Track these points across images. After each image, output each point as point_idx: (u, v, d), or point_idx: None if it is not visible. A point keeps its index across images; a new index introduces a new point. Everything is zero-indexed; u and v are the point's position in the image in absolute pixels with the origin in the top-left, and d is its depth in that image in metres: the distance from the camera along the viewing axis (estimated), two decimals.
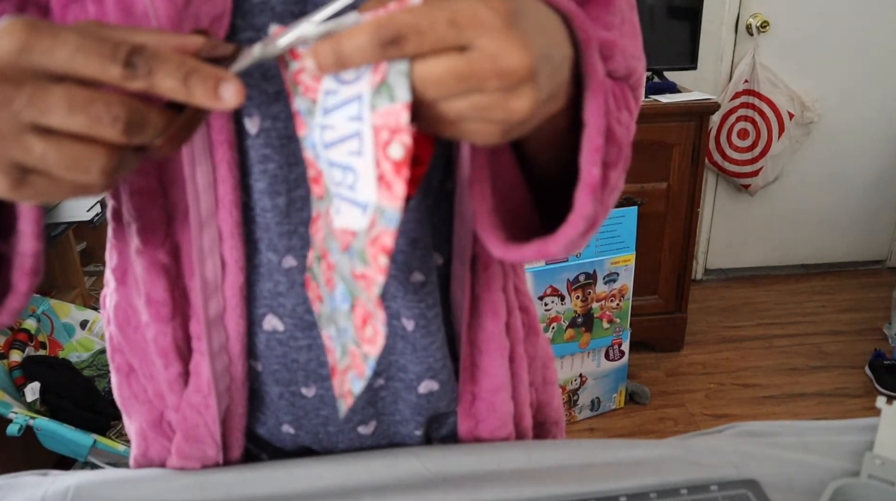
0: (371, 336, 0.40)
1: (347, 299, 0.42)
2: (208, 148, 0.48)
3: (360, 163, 0.36)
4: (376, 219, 0.36)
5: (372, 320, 0.40)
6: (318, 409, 0.60)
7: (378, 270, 0.37)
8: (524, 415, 0.66)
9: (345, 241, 0.40)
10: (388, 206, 0.35)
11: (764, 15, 2.66)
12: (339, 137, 0.37)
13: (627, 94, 0.55)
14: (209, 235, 0.51)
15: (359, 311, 0.41)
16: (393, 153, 0.34)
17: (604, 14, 0.53)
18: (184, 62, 0.33)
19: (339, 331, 0.45)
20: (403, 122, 0.34)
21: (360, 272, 0.39)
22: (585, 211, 0.43)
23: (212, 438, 0.59)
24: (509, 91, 0.34)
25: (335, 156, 0.38)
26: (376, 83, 0.34)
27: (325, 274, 0.45)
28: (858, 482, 0.57)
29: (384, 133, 0.35)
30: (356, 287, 0.40)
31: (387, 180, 0.35)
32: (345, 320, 0.43)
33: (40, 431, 1.49)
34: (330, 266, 0.43)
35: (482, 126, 0.36)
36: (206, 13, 0.44)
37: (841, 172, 2.94)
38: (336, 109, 0.37)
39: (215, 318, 0.54)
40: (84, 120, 0.32)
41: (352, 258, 0.39)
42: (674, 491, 0.57)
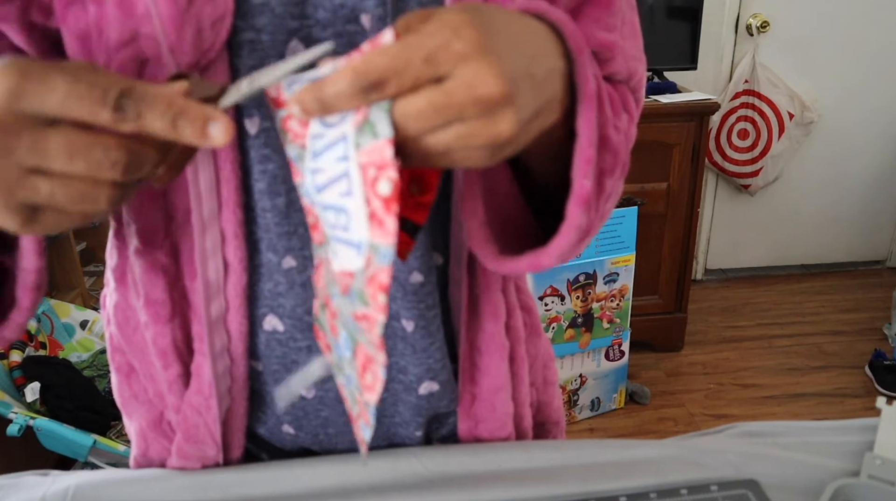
0: (370, 383, 0.40)
1: (349, 345, 0.42)
2: (211, 150, 0.48)
3: (351, 203, 0.36)
4: (371, 257, 0.36)
5: (372, 365, 0.39)
6: (318, 410, 0.60)
7: (378, 309, 0.37)
8: (524, 416, 0.66)
9: (344, 284, 0.40)
10: (381, 243, 0.35)
11: (764, 15, 2.66)
12: (329, 180, 0.37)
13: (628, 97, 0.55)
14: (211, 236, 0.51)
15: (360, 357, 0.41)
16: (381, 190, 0.34)
17: (605, 15, 0.53)
18: (172, 103, 0.34)
19: (346, 379, 0.45)
20: (388, 157, 0.34)
21: (361, 313, 0.39)
22: (576, 222, 0.44)
23: (212, 439, 0.59)
24: (489, 117, 0.34)
25: (328, 199, 0.38)
26: (359, 122, 0.35)
27: (329, 322, 0.45)
28: (858, 482, 0.57)
29: (371, 170, 0.35)
30: (358, 331, 0.40)
31: (378, 218, 0.35)
32: (349, 367, 0.43)
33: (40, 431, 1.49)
34: (333, 313, 0.43)
35: (469, 153, 0.36)
36: (207, 14, 0.44)
37: (841, 172, 2.94)
38: (324, 151, 0.37)
39: (217, 319, 0.54)
40: (84, 165, 0.34)
41: (352, 301, 0.39)
42: (674, 491, 0.57)
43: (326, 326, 0.46)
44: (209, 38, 0.45)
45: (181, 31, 0.44)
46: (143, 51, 0.46)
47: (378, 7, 0.47)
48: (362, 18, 0.47)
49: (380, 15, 0.47)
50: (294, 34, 0.47)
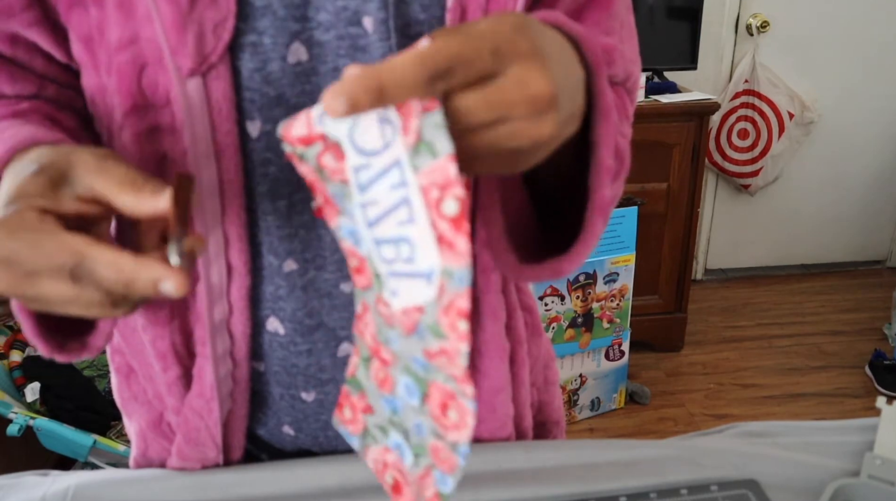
0: (456, 421, 0.36)
1: (416, 390, 0.38)
2: (213, 153, 0.48)
3: (414, 230, 0.34)
4: (445, 284, 0.34)
5: (455, 400, 0.36)
6: (318, 413, 0.59)
7: (459, 338, 0.34)
8: (524, 416, 0.66)
9: (410, 322, 0.37)
10: (455, 266, 0.33)
11: (764, 15, 2.66)
12: (385, 211, 0.35)
13: (625, 99, 0.55)
14: (215, 239, 0.51)
15: (434, 397, 0.37)
16: (448, 210, 0.32)
17: (605, 19, 0.53)
18: (121, 271, 0.37)
19: (407, 434, 0.40)
20: (452, 174, 0.32)
21: (436, 349, 0.36)
22: (597, 230, 0.45)
23: (213, 441, 0.59)
24: (535, 117, 0.34)
25: (383, 232, 0.35)
26: (412, 144, 0.32)
27: (377, 375, 0.41)
28: (858, 482, 0.57)
29: (434, 192, 0.33)
30: (431, 369, 0.37)
31: (447, 240, 0.33)
32: (417, 415, 0.39)
33: (40, 431, 1.49)
34: (385, 362, 0.40)
35: (507, 156, 0.35)
36: (209, 17, 0.44)
37: (841, 172, 2.94)
38: (374, 182, 0.34)
39: (220, 323, 0.53)
40: (76, 309, 0.38)
41: (422, 338, 0.36)
42: (674, 491, 0.57)
43: (371, 382, 0.42)
44: (211, 41, 0.45)
45: (182, 34, 0.44)
46: (144, 53, 0.46)
47: (380, 10, 0.46)
48: (364, 21, 0.47)
49: (382, 18, 0.47)
50: (296, 37, 0.47)
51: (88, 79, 0.51)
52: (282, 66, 0.47)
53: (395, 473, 0.43)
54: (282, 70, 0.47)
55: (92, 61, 0.49)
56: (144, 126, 0.48)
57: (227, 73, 0.46)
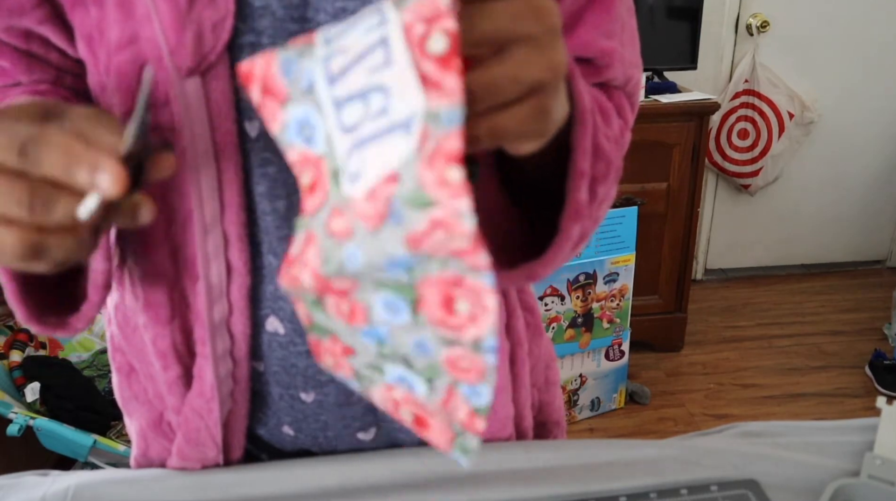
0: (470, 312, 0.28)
1: (402, 303, 0.30)
2: (213, 152, 0.48)
3: (391, 74, 0.28)
4: (429, 129, 0.27)
5: (462, 286, 0.28)
6: (318, 414, 0.59)
7: (453, 194, 0.27)
8: (524, 417, 0.66)
9: (378, 209, 0.29)
10: (443, 105, 0.27)
11: (764, 15, 2.66)
12: (355, 58, 0.29)
13: (623, 102, 0.55)
14: (214, 239, 0.51)
15: (430, 298, 0.29)
16: (434, 47, 0.27)
17: (605, 21, 0.53)
18: (69, 151, 0.35)
19: (407, 361, 0.32)
20: (444, 4, 0.27)
21: (423, 227, 0.27)
22: (571, 235, 0.45)
23: (213, 441, 0.58)
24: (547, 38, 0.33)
25: (348, 87, 0.29)
26: None
27: (340, 310, 0.33)
28: (858, 482, 0.57)
29: (418, 27, 0.27)
30: (416, 264, 0.28)
31: (432, 80, 0.27)
32: (413, 332, 0.31)
33: (40, 431, 1.49)
34: (343, 293, 0.32)
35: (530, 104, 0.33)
36: (208, 17, 0.44)
37: (841, 172, 2.94)
38: (347, 29, 0.29)
39: (220, 323, 0.53)
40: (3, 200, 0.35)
41: (398, 223, 0.28)
42: (674, 491, 0.57)
43: (334, 322, 0.34)
44: (210, 40, 0.45)
45: (181, 33, 0.44)
46: (144, 53, 0.46)
47: None
48: None
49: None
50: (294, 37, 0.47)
51: (91, 77, 0.51)
52: None
53: (411, 407, 0.35)
54: None
55: (93, 60, 0.49)
56: None
57: (225, 72, 0.46)
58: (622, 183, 1.70)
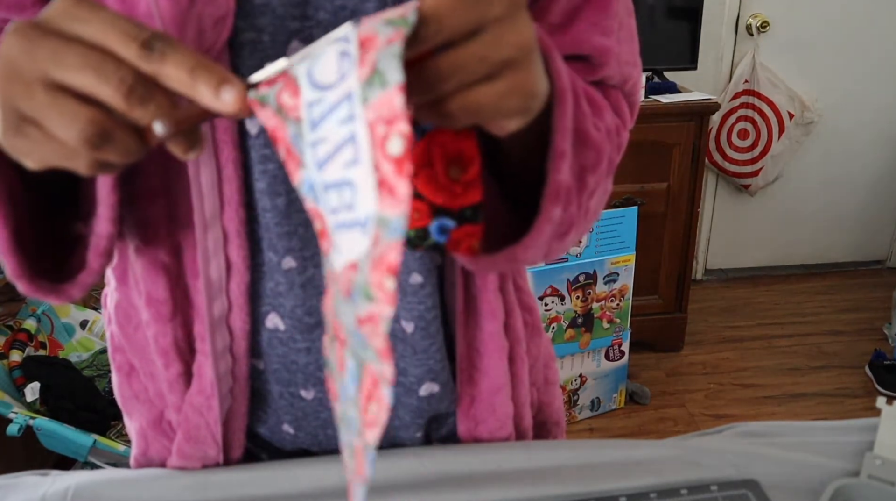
0: (374, 416, 0.31)
1: (355, 376, 0.33)
2: (213, 148, 0.48)
3: (358, 172, 0.30)
4: (379, 234, 0.30)
5: (377, 389, 0.31)
6: (318, 411, 0.59)
7: (384, 299, 0.29)
8: (524, 416, 0.66)
9: (346, 284, 0.32)
10: (392, 214, 0.29)
11: (764, 15, 2.66)
12: (333, 150, 0.32)
13: (621, 102, 0.55)
14: (213, 235, 0.51)
15: (365, 385, 0.32)
16: (392, 149, 0.29)
17: (602, 19, 0.53)
18: (195, 56, 0.34)
19: (348, 427, 0.35)
20: (398, 107, 0.29)
21: (365, 315, 0.31)
22: (550, 216, 0.44)
23: (213, 439, 0.59)
24: (512, 17, 0.33)
25: (330, 175, 0.32)
26: (366, 74, 0.30)
27: (338, 355, 0.36)
28: (858, 482, 0.57)
29: (380, 128, 0.29)
30: (362, 345, 0.32)
31: (388, 184, 0.29)
32: (353, 408, 0.34)
33: (40, 431, 1.49)
34: (342, 342, 0.35)
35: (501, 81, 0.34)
36: (209, 14, 0.44)
37: (841, 172, 2.94)
38: (325, 117, 0.32)
39: (219, 319, 0.53)
40: (92, 75, 0.33)
41: (355, 303, 0.31)
42: (674, 491, 0.57)
43: (335, 365, 0.37)
44: (210, 37, 0.45)
45: (182, 31, 0.44)
46: None
47: (379, 10, 0.46)
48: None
49: None
50: (295, 35, 0.47)
51: None
52: None
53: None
54: None
55: None
56: None
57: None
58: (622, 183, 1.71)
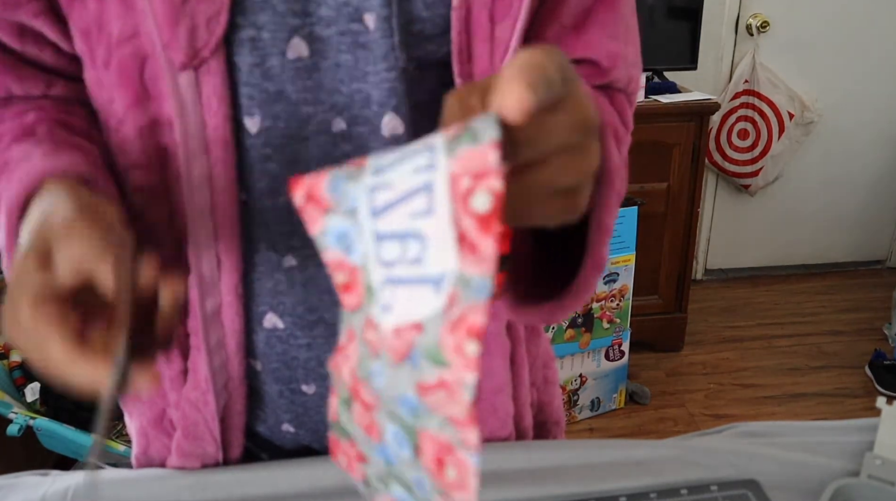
0: (456, 479, 0.28)
1: (405, 441, 0.31)
2: (205, 146, 0.48)
3: (431, 224, 0.28)
4: (457, 294, 0.28)
5: (453, 454, 0.28)
6: (319, 406, 0.59)
7: (465, 365, 0.27)
8: (524, 416, 0.66)
9: (402, 347, 0.30)
10: (475, 274, 0.27)
11: (764, 15, 2.66)
12: (399, 197, 0.29)
13: (625, 106, 0.55)
14: (205, 232, 0.51)
15: (427, 450, 0.30)
16: (477, 205, 0.26)
17: (610, 22, 0.53)
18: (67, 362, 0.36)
19: (409, 488, 0.33)
20: (492, 162, 0.26)
21: (432, 382, 0.28)
22: (591, 287, 0.44)
23: (211, 435, 0.59)
24: (584, 147, 0.32)
25: (389, 224, 0.29)
26: (454, 133, 0.28)
27: (361, 420, 0.34)
28: (858, 482, 0.57)
29: (465, 181, 0.27)
30: (421, 413, 0.29)
31: (469, 241, 0.27)
32: (413, 469, 0.31)
33: (40, 431, 1.49)
34: (368, 406, 0.33)
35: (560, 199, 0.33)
36: (202, 11, 0.44)
37: (841, 172, 2.94)
38: (396, 163, 0.29)
39: (212, 314, 0.54)
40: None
41: (416, 367, 0.29)
42: (674, 491, 0.57)
43: (355, 428, 0.35)
44: (203, 35, 0.45)
45: (175, 28, 0.44)
46: (145, 47, 0.46)
47: (383, 7, 0.46)
48: (366, 18, 0.47)
49: (384, 15, 0.46)
50: (296, 32, 0.47)
51: (88, 72, 0.51)
52: (281, 61, 0.47)
53: None
54: (282, 66, 0.47)
55: (90, 55, 0.49)
56: (146, 120, 0.49)
57: (218, 68, 0.46)
58: None
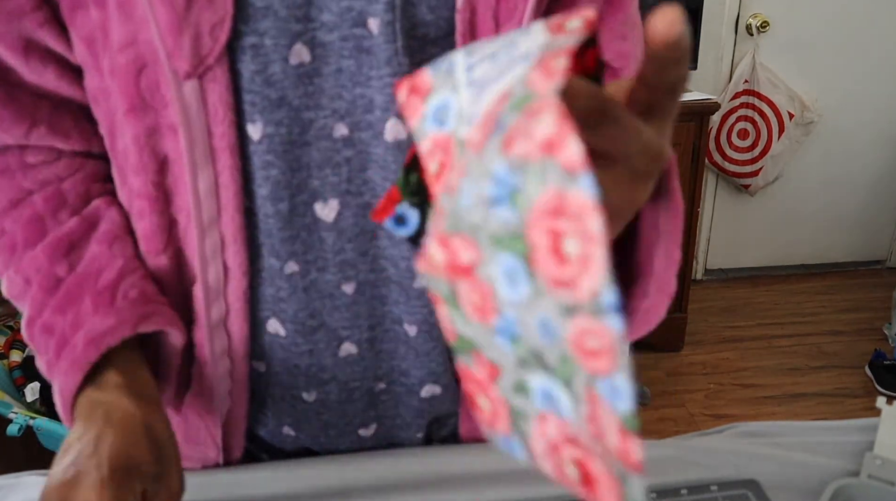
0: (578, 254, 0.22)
1: (518, 264, 0.24)
2: (210, 154, 0.48)
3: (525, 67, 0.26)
4: (546, 52, 0.26)
5: (563, 209, 0.22)
6: (319, 413, 0.59)
7: (547, 76, 0.24)
8: None
9: (486, 129, 0.26)
10: (561, 37, 0.26)
11: (764, 15, 2.66)
12: (493, 54, 0.29)
13: None
14: (211, 240, 0.51)
15: (538, 239, 0.23)
16: (571, 25, 0.27)
17: (620, 23, 0.53)
18: None
19: (541, 358, 0.26)
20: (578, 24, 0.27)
21: (515, 124, 0.24)
22: (662, 315, 0.45)
23: (213, 441, 0.59)
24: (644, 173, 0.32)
25: (483, 71, 0.29)
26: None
27: (468, 300, 0.27)
28: (858, 482, 0.57)
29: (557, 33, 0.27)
30: (516, 179, 0.24)
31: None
32: (534, 308, 0.25)
33: (40, 431, 1.48)
34: (467, 270, 0.27)
35: None
36: (206, 19, 0.44)
37: (841, 172, 2.94)
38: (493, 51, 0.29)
39: (217, 323, 0.53)
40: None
41: (502, 128, 0.25)
42: (674, 491, 0.57)
43: (470, 329, 0.29)
44: (207, 43, 0.45)
45: (179, 36, 0.44)
46: (143, 55, 0.46)
47: (387, 12, 0.46)
48: (370, 22, 0.46)
49: (388, 20, 0.46)
50: (298, 38, 0.46)
51: (90, 80, 0.51)
52: (283, 67, 0.47)
53: (571, 450, 0.27)
54: (283, 72, 0.47)
55: (94, 63, 0.49)
56: (144, 127, 0.48)
57: (223, 76, 0.46)
58: None
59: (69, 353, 0.49)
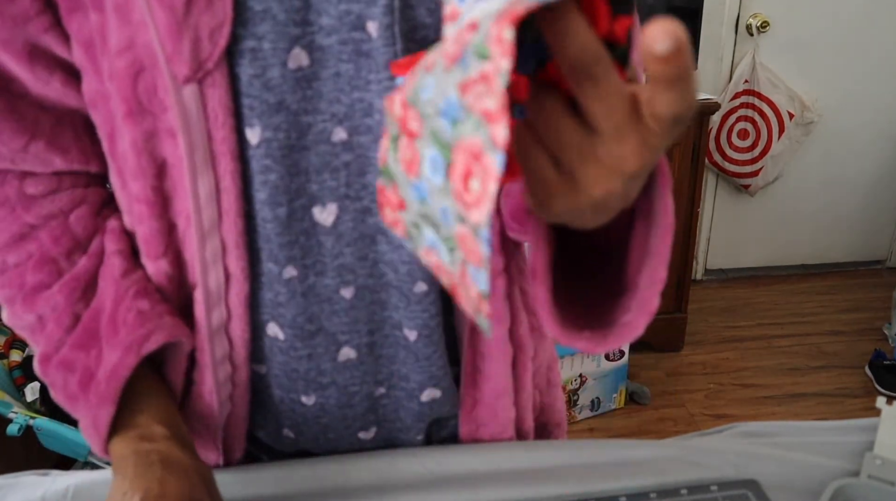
0: (477, 193, 0.29)
1: (440, 163, 0.32)
2: (210, 159, 0.48)
3: None
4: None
5: (479, 161, 0.29)
6: (318, 417, 0.59)
7: (503, 52, 0.27)
8: (525, 419, 0.66)
9: (456, 50, 0.30)
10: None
11: (764, 15, 2.66)
12: None
13: None
14: (212, 245, 0.50)
15: (458, 165, 0.30)
16: None
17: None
18: None
19: (436, 225, 0.34)
20: None
21: (475, 76, 0.29)
22: (640, 332, 0.43)
23: (213, 444, 0.59)
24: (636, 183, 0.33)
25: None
26: None
27: (405, 156, 0.35)
28: (858, 482, 0.57)
29: None
30: (460, 118, 0.30)
31: None
32: (441, 197, 0.32)
33: (40, 431, 1.49)
34: (412, 134, 0.34)
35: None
36: (205, 23, 0.44)
37: (841, 172, 2.94)
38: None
39: (218, 328, 0.53)
40: None
41: (464, 68, 0.29)
42: (674, 491, 0.57)
43: (398, 168, 0.35)
44: (207, 47, 0.44)
45: (178, 40, 0.44)
46: (140, 59, 0.46)
47: (385, 15, 0.46)
48: (369, 26, 0.46)
49: (387, 23, 0.46)
50: (296, 41, 0.46)
51: (89, 84, 0.50)
52: (282, 71, 0.46)
53: (444, 275, 0.37)
54: (282, 76, 0.47)
55: (93, 66, 0.49)
56: (142, 132, 0.48)
57: (223, 79, 0.46)
58: None
59: (96, 388, 0.52)
